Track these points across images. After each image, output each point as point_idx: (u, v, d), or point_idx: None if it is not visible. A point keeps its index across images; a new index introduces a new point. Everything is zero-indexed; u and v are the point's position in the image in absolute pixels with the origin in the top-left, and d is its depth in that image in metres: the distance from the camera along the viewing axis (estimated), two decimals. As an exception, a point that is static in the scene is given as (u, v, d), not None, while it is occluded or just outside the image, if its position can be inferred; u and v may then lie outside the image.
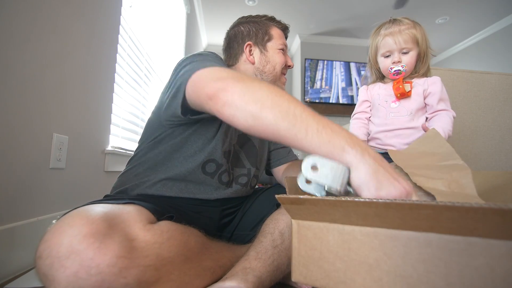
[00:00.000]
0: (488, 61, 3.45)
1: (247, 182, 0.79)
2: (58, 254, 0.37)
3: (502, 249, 0.24)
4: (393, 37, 0.81)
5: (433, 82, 0.81)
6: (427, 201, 0.24)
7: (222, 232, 0.75)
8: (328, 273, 0.33)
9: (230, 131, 0.75)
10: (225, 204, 0.74)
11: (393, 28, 0.82)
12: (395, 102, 0.84)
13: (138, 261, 0.41)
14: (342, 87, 3.79)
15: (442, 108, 0.79)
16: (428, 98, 0.81)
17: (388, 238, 0.29)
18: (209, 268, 0.54)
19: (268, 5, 3.14)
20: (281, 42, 0.83)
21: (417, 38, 0.80)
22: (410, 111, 0.81)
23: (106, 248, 0.39)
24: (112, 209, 0.46)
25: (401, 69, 0.81)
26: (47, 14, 0.83)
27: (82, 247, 0.37)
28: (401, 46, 0.80)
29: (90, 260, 0.37)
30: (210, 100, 0.48)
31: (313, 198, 0.32)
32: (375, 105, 0.88)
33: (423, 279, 0.27)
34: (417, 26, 0.82)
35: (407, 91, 0.80)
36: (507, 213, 0.22)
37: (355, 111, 0.94)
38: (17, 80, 0.72)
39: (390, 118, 0.83)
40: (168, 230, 0.49)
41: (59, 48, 0.88)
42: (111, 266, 0.38)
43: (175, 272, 0.47)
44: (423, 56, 0.83)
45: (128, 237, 0.43)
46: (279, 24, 0.86)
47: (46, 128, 0.84)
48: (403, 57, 0.82)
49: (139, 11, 1.62)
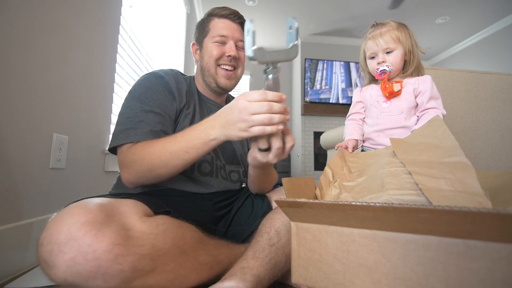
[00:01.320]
0: (488, 61, 3.45)
1: (226, 177, 0.81)
2: (58, 241, 0.39)
3: (501, 252, 0.24)
4: (375, 39, 0.86)
5: (423, 80, 0.82)
6: (425, 206, 0.24)
7: (217, 225, 0.76)
8: (328, 275, 0.33)
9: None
10: (215, 197, 0.76)
11: (375, 31, 0.87)
12: (386, 102, 0.85)
13: (134, 249, 0.43)
14: (342, 88, 3.79)
15: (432, 106, 0.80)
16: (418, 97, 0.82)
17: (386, 240, 0.29)
18: (206, 263, 0.55)
19: (268, 5, 3.14)
20: (216, 34, 0.79)
21: (399, 37, 0.83)
22: (401, 110, 0.82)
23: (103, 235, 0.41)
24: (110, 202, 0.49)
25: (386, 69, 0.83)
26: (47, 14, 0.83)
27: (80, 234, 0.40)
28: (382, 47, 0.84)
29: (88, 246, 0.39)
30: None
31: (311, 201, 0.32)
32: (368, 106, 0.90)
33: (422, 281, 0.27)
34: (401, 26, 0.85)
35: (396, 90, 0.82)
36: (506, 217, 0.22)
37: (350, 112, 0.97)
38: (17, 80, 0.72)
39: (382, 118, 0.85)
40: (164, 223, 0.51)
41: (59, 48, 0.88)
42: (107, 252, 0.40)
43: (170, 263, 0.48)
44: (409, 54, 0.84)
45: (124, 227, 0.45)
46: (219, 13, 0.81)
47: (46, 128, 0.84)
48: (387, 57, 0.84)
49: (139, 11, 1.62)
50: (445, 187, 0.42)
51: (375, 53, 0.86)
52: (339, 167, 0.61)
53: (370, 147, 0.87)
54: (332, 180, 0.57)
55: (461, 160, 0.45)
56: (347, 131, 0.92)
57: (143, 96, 0.69)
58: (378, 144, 0.84)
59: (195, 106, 0.79)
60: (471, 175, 0.42)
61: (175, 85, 0.74)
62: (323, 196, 0.55)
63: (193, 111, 0.77)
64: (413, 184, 0.44)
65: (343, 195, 0.51)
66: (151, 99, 0.68)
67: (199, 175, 0.75)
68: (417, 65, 0.85)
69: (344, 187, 0.53)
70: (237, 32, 0.80)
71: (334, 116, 3.78)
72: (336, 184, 0.55)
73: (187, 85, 0.80)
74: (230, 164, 0.83)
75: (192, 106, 0.78)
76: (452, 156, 0.46)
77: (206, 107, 0.84)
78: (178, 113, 0.74)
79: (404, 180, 0.46)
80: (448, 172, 0.44)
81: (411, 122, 0.81)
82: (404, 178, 0.46)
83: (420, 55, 0.88)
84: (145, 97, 0.69)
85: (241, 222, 0.78)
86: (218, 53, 0.78)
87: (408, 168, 0.46)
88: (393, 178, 0.47)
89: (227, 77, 0.80)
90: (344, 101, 3.76)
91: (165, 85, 0.72)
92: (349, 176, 0.58)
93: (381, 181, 0.47)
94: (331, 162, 0.62)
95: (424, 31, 3.57)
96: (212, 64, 0.79)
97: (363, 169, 0.59)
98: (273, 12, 3.28)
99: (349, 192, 0.51)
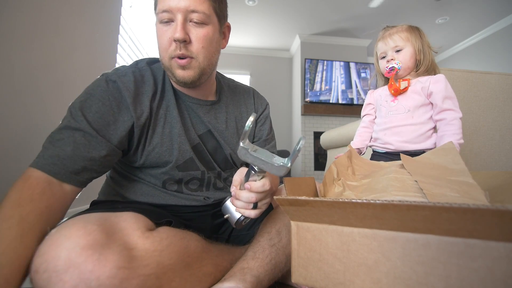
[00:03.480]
0: (488, 61, 3.45)
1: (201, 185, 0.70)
2: (56, 268, 0.36)
3: (501, 251, 0.24)
4: (384, 40, 0.88)
5: (436, 80, 0.82)
6: (425, 202, 0.24)
7: (218, 233, 0.74)
8: (328, 275, 0.33)
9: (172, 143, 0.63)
10: (211, 209, 0.71)
11: (386, 33, 0.89)
12: (394, 101, 0.86)
13: (139, 271, 0.40)
14: (342, 90, 3.79)
15: (449, 107, 0.79)
16: (432, 97, 0.82)
17: (386, 239, 0.29)
18: (209, 273, 0.54)
19: (268, 5, 3.14)
20: (160, 9, 0.55)
21: (408, 37, 0.85)
22: (408, 109, 0.83)
23: (106, 259, 0.37)
24: (109, 218, 0.45)
25: (395, 66, 0.84)
26: (48, 14, 0.83)
27: (81, 260, 0.36)
28: (391, 45, 0.86)
29: (90, 272, 0.36)
30: None
31: (312, 199, 0.32)
32: (378, 106, 0.92)
33: (422, 281, 0.27)
34: (411, 28, 0.88)
35: (401, 88, 0.83)
36: (505, 214, 0.22)
37: (362, 113, 1.00)
38: (17, 80, 0.72)
39: (389, 116, 0.86)
40: (167, 237, 0.48)
41: (59, 48, 0.88)
42: (112, 278, 0.37)
43: (176, 279, 0.46)
44: (419, 54, 0.85)
45: (127, 246, 0.42)
46: None
47: (46, 128, 0.84)
48: (396, 55, 0.86)
49: (139, 11, 1.62)
50: (450, 193, 0.42)
51: (385, 52, 0.88)
52: (344, 167, 0.61)
53: (377, 146, 0.89)
54: (336, 177, 0.57)
55: (468, 181, 0.46)
56: (353, 141, 0.95)
57: (81, 104, 0.53)
58: (386, 143, 0.85)
59: (167, 109, 0.62)
60: (477, 191, 0.43)
61: (134, 91, 0.56)
62: (326, 192, 0.55)
63: (164, 118, 0.61)
64: (418, 189, 0.44)
65: (346, 193, 0.51)
66: (88, 111, 0.52)
67: (189, 191, 0.67)
68: (429, 64, 0.86)
69: (347, 185, 0.53)
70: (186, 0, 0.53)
71: (334, 116, 3.78)
72: (340, 182, 0.55)
73: (158, 84, 0.62)
74: (225, 170, 0.74)
75: (163, 112, 0.61)
76: (460, 176, 0.47)
77: (185, 106, 0.65)
78: (139, 129, 0.57)
79: (409, 185, 0.46)
80: (455, 184, 0.44)
81: (419, 120, 0.81)
82: (409, 183, 0.46)
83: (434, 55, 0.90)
84: (81, 107, 0.52)
85: (243, 227, 0.77)
86: (165, 40, 0.56)
87: (415, 177, 0.46)
88: (398, 182, 0.47)
89: (181, 67, 0.57)
90: (343, 102, 3.76)
91: (115, 94, 0.55)
92: (353, 178, 0.58)
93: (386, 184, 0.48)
94: (338, 160, 0.62)
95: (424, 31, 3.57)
96: (163, 55, 0.57)
97: (367, 174, 0.59)
98: (273, 12, 3.28)
99: (352, 191, 0.51)
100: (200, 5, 0.54)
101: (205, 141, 0.68)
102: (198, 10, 0.54)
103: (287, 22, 3.54)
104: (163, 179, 0.63)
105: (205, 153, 0.68)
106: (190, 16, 0.54)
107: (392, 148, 0.82)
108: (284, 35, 3.88)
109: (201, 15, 0.55)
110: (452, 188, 0.43)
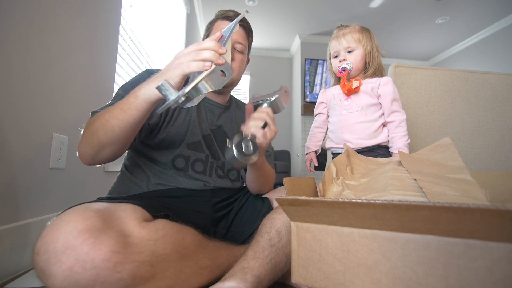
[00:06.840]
0: (488, 61, 3.45)
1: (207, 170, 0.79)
2: (55, 250, 0.38)
3: (501, 251, 0.24)
4: (338, 39, 0.93)
5: (385, 82, 0.89)
6: (425, 202, 0.24)
7: (217, 227, 0.76)
8: (328, 275, 0.33)
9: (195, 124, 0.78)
10: (214, 198, 0.76)
11: (339, 32, 0.94)
12: (347, 99, 0.92)
13: (133, 257, 0.42)
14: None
15: (397, 109, 0.88)
16: (381, 98, 0.89)
17: (386, 240, 0.29)
18: (206, 266, 0.55)
19: (268, 5, 3.14)
20: None
21: (360, 39, 0.90)
22: (361, 107, 0.89)
23: (101, 243, 0.40)
24: (107, 207, 0.48)
25: (346, 66, 0.89)
26: (47, 14, 0.83)
27: (78, 243, 0.38)
28: (344, 46, 0.91)
29: (85, 255, 0.38)
30: None
31: (312, 199, 0.32)
32: (331, 105, 0.97)
33: (422, 281, 0.27)
34: (363, 29, 0.92)
35: (353, 87, 0.88)
36: (505, 214, 0.22)
37: (314, 112, 1.05)
38: (17, 80, 0.72)
39: (344, 115, 0.91)
40: (163, 228, 0.50)
41: (59, 48, 0.88)
42: (106, 261, 0.39)
43: (170, 269, 0.47)
44: (369, 56, 0.91)
45: (123, 233, 0.44)
46: (223, 15, 0.82)
47: (46, 128, 0.84)
48: (348, 55, 0.91)
49: (139, 11, 1.62)
50: (450, 192, 0.42)
51: (338, 51, 0.93)
52: (343, 166, 0.61)
53: (336, 148, 0.95)
54: (335, 177, 0.57)
55: (466, 178, 0.46)
56: (307, 143, 1.05)
57: (127, 85, 0.69)
58: (344, 141, 0.90)
59: None
60: (476, 189, 0.43)
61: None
62: (325, 192, 0.55)
63: (187, 108, 0.76)
64: (417, 188, 0.44)
65: (346, 192, 0.51)
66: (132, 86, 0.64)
67: (194, 172, 0.76)
68: (377, 67, 0.92)
69: (346, 185, 0.53)
70: (236, 34, 0.80)
71: (334, 116, 3.79)
72: (339, 181, 0.54)
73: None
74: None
75: None
76: (458, 174, 0.47)
77: (204, 106, 0.84)
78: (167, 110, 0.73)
79: (408, 183, 0.46)
80: (453, 183, 0.44)
81: (372, 118, 0.88)
82: (408, 182, 0.46)
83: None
84: (129, 85, 0.69)
85: (242, 223, 0.78)
86: None
87: (413, 176, 0.46)
88: (397, 181, 0.47)
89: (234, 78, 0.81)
90: (344, 101, 3.76)
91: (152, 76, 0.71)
92: (351, 177, 0.58)
93: (385, 183, 0.47)
94: (337, 159, 0.62)
95: (424, 31, 3.57)
96: None
97: (366, 173, 0.59)
98: (273, 12, 3.28)
99: (351, 190, 0.51)
100: (243, 40, 0.82)
101: (216, 134, 0.83)
102: (241, 42, 0.81)
103: (287, 22, 3.54)
104: (174, 155, 0.74)
105: (213, 143, 0.81)
106: (236, 45, 0.80)
107: (352, 147, 0.86)
108: (284, 35, 3.88)
109: (240, 45, 0.81)
110: (451, 186, 0.43)
